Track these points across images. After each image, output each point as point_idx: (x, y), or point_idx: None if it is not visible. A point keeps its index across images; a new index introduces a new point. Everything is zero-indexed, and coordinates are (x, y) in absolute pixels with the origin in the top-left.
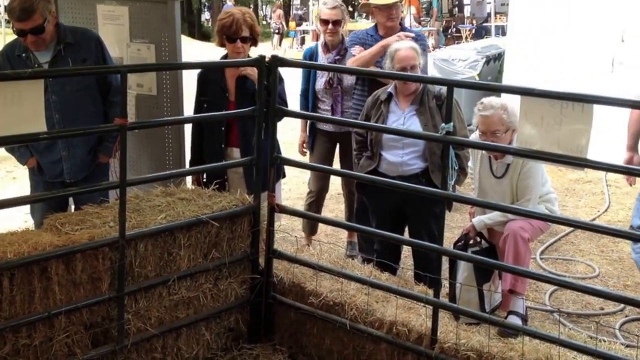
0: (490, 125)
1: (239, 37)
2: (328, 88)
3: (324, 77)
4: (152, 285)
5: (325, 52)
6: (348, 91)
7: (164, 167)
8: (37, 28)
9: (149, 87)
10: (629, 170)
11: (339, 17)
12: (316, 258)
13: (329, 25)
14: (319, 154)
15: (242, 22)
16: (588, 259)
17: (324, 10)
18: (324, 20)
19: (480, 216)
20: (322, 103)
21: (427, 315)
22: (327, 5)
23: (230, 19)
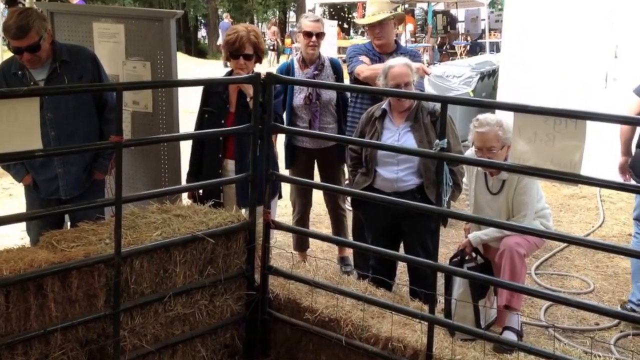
0: (486, 142)
1: (241, 54)
2: (307, 104)
3: (303, 93)
4: (148, 302)
5: (302, 67)
6: (326, 106)
7: (159, 183)
8: (33, 46)
9: (144, 105)
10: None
11: (321, 30)
12: (312, 274)
13: (312, 38)
14: (300, 170)
15: (246, 40)
16: (583, 274)
17: (306, 23)
18: (307, 33)
19: (476, 232)
20: (300, 119)
21: (422, 331)
22: (310, 19)
23: (235, 36)
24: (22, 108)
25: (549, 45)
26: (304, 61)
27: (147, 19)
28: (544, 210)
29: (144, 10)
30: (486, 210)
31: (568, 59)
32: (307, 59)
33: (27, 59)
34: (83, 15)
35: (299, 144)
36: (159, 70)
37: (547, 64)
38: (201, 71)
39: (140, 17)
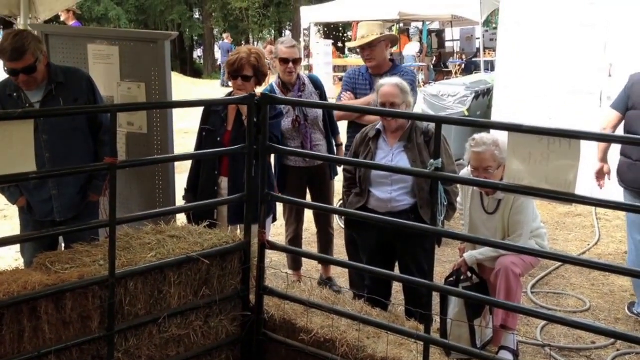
0: (482, 162)
1: (240, 75)
2: (296, 127)
3: (290, 117)
4: (143, 324)
5: (284, 91)
6: (315, 123)
7: (154, 204)
8: (29, 67)
9: (139, 126)
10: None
11: (297, 56)
12: (307, 294)
13: (289, 64)
14: (292, 190)
15: (246, 62)
16: (579, 293)
17: (282, 50)
18: (283, 59)
19: (472, 251)
20: (291, 141)
21: (418, 351)
22: (286, 45)
23: (235, 57)
24: (16, 130)
25: (544, 64)
26: (285, 85)
27: (141, 40)
28: (539, 229)
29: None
30: (482, 229)
31: (562, 77)
32: (287, 84)
33: (23, 81)
34: (78, 38)
35: (290, 164)
36: (154, 91)
37: (541, 82)
38: (197, 91)
39: (135, 39)
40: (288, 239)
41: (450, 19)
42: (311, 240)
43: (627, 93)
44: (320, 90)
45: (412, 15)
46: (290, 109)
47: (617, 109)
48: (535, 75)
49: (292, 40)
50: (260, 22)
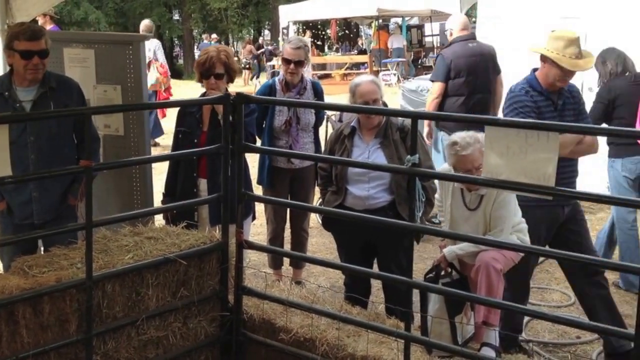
0: (473, 162)
1: (212, 73)
2: (287, 128)
3: (283, 116)
4: (121, 326)
5: (285, 90)
6: (305, 128)
7: (132, 206)
8: (44, 51)
9: (116, 128)
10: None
11: (301, 58)
12: (286, 293)
13: (291, 65)
14: (277, 191)
15: (217, 60)
16: (563, 287)
17: (287, 50)
18: (286, 60)
19: (451, 247)
20: (279, 141)
21: (399, 349)
22: (292, 45)
23: (205, 56)
24: None
25: (522, 59)
26: (287, 84)
27: (117, 43)
28: (520, 224)
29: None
30: (463, 226)
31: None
32: (289, 83)
33: (35, 64)
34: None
35: (275, 164)
36: (130, 93)
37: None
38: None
39: (110, 42)
40: (269, 238)
41: (430, 13)
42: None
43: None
44: (318, 97)
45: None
46: (284, 108)
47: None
48: (514, 70)
49: (300, 41)
50: (239, 22)
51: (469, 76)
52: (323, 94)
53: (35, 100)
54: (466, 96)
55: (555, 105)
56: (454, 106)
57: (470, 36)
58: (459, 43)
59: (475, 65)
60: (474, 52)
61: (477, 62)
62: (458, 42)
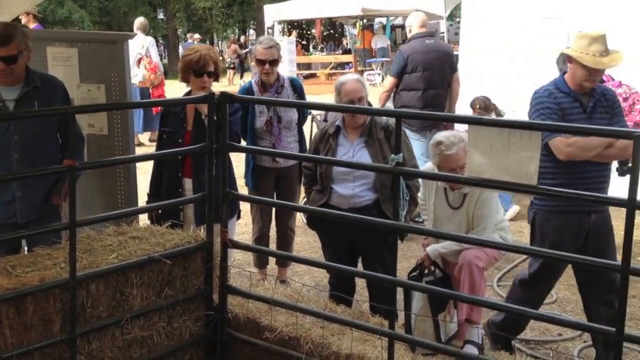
0: (458, 161)
1: (205, 72)
2: (269, 127)
3: (264, 117)
4: (105, 326)
5: (261, 90)
6: (288, 126)
7: (116, 206)
8: (10, 57)
9: (100, 127)
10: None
11: (275, 57)
12: (271, 292)
13: (266, 65)
14: (262, 190)
15: (209, 58)
16: None
17: (259, 50)
18: (260, 60)
19: (435, 245)
20: (262, 141)
21: (383, 347)
22: (263, 45)
23: (198, 54)
24: None
25: (506, 58)
26: (263, 84)
27: (100, 42)
28: (502, 222)
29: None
30: (446, 224)
31: (525, 72)
32: (265, 83)
33: (2, 70)
34: (37, 40)
35: (259, 163)
36: (114, 92)
37: (504, 76)
38: None
39: (93, 40)
40: (254, 237)
41: None
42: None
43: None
44: (298, 94)
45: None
46: (264, 109)
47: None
48: (498, 69)
49: (270, 40)
50: (224, 21)
51: (425, 71)
52: (303, 89)
53: (19, 99)
54: (422, 90)
55: (584, 107)
56: (412, 99)
57: (428, 33)
58: (417, 39)
59: (431, 61)
60: (431, 49)
61: (434, 58)
62: (416, 39)
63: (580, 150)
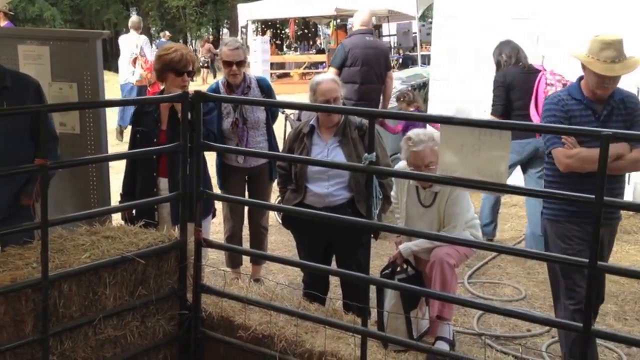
0: (424, 159)
1: (186, 70)
2: (234, 128)
3: (230, 118)
4: (77, 326)
5: (228, 91)
6: (255, 127)
7: (88, 205)
8: None
9: (72, 126)
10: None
11: (241, 58)
12: (245, 291)
13: (233, 67)
14: (233, 189)
15: (190, 57)
16: (515, 282)
17: (225, 52)
18: (227, 62)
19: (407, 243)
20: (230, 141)
21: (356, 344)
22: (229, 47)
23: (179, 53)
24: None
25: (477, 58)
26: (229, 85)
27: (72, 40)
28: (473, 220)
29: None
30: (418, 222)
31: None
32: (232, 84)
33: None
34: (7, 38)
35: (229, 163)
36: (86, 91)
37: (475, 76)
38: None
39: (65, 39)
40: (226, 236)
41: (387, 14)
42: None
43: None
44: (266, 93)
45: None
46: (230, 110)
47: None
48: (469, 69)
49: (236, 41)
50: (197, 20)
51: (363, 66)
52: (271, 89)
53: None
54: (360, 84)
55: (597, 115)
56: (349, 92)
57: (368, 31)
58: (358, 35)
59: (369, 56)
60: (369, 45)
61: (372, 54)
62: (357, 35)
63: (581, 162)
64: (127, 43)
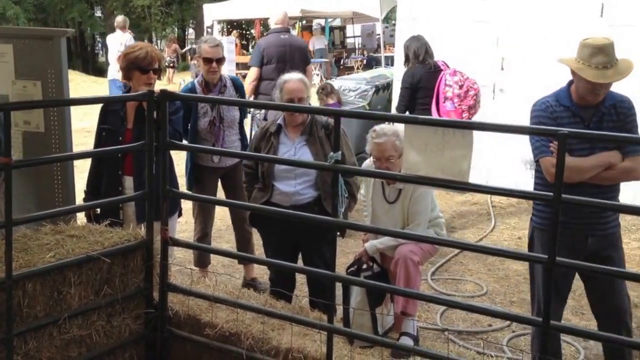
0: (384, 152)
1: (152, 68)
2: (212, 127)
3: (207, 117)
4: (42, 326)
5: (205, 90)
6: (231, 125)
7: (52, 205)
8: None
9: (36, 124)
10: (510, 192)
11: (220, 55)
12: (212, 289)
13: (213, 64)
14: (204, 189)
15: (155, 55)
16: (476, 278)
17: (206, 49)
18: (207, 59)
19: (372, 241)
20: (205, 142)
21: (322, 341)
22: (210, 44)
23: (144, 51)
24: None
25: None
26: (207, 84)
27: (36, 38)
28: (437, 219)
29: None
30: (383, 219)
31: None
32: (210, 83)
33: None
34: None
35: (203, 163)
36: (51, 89)
37: None
38: (99, 89)
39: (29, 37)
40: (196, 237)
41: (352, 15)
42: (216, 236)
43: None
44: (240, 93)
45: (314, 12)
46: (208, 109)
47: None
48: None
49: (215, 39)
50: (163, 20)
51: (278, 63)
52: (244, 88)
53: None
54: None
55: (586, 123)
56: (268, 88)
57: (283, 29)
58: (273, 34)
59: (284, 54)
60: (284, 43)
61: (286, 51)
62: (272, 34)
63: (568, 171)
64: (113, 42)
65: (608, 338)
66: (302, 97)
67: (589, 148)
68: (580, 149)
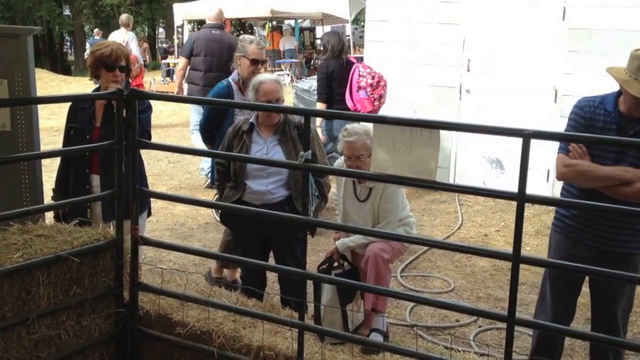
0: (354, 151)
1: (117, 65)
2: None
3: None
4: (10, 326)
5: (243, 89)
6: None
7: (20, 204)
8: None
9: (2, 123)
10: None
11: (264, 57)
12: (182, 288)
13: (258, 65)
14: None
15: (121, 52)
16: (444, 274)
17: (254, 50)
18: (254, 60)
19: (343, 239)
20: None
21: (293, 338)
22: (258, 46)
23: (109, 49)
24: None
25: (408, 60)
26: (245, 84)
27: (2, 36)
28: (408, 218)
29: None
30: (354, 217)
31: (425, 72)
32: (246, 82)
33: None
34: None
35: None
36: (17, 88)
37: (406, 77)
38: (68, 88)
39: None
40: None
41: (321, 17)
42: (187, 235)
43: None
44: None
45: (284, 13)
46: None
47: (184, 55)
48: (400, 70)
49: (260, 40)
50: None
51: (207, 55)
52: None
53: None
54: (204, 72)
55: (621, 130)
56: (196, 78)
57: (216, 25)
58: (206, 29)
59: (213, 48)
60: (215, 38)
61: (216, 46)
62: (205, 28)
63: (577, 174)
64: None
65: (566, 332)
66: (279, 98)
67: (613, 158)
68: (602, 157)
